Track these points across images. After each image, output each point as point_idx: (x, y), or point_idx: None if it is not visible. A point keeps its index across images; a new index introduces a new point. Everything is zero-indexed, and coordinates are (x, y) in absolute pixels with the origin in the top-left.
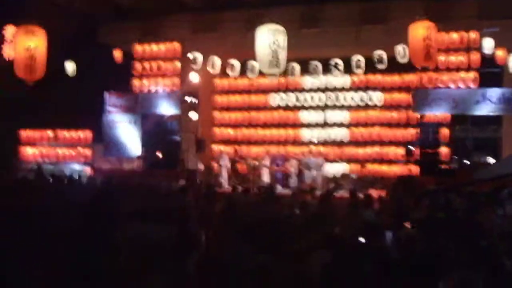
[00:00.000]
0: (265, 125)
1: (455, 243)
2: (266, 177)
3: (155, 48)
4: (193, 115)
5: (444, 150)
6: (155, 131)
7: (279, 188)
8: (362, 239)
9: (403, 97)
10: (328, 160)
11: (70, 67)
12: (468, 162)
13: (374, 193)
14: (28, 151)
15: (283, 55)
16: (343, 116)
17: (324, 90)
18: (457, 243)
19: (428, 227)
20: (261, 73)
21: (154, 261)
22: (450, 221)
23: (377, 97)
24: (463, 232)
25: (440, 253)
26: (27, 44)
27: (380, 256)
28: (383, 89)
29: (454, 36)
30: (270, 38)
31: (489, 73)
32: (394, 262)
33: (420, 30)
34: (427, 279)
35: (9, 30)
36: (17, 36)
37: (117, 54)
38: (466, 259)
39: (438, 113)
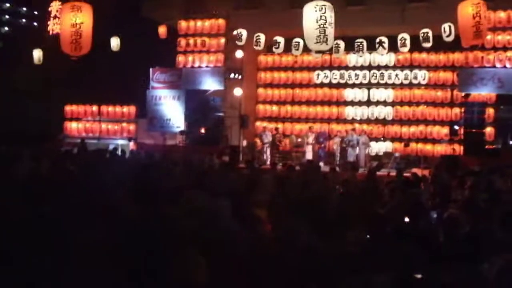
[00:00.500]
0: (308, 102)
1: (498, 225)
2: (309, 155)
3: (199, 24)
4: (237, 92)
5: (488, 130)
6: (199, 107)
7: (321, 166)
8: (406, 219)
9: (448, 76)
10: (371, 138)
11: (114, 42)
12: None
13: (418, 172)
14: (73, 126)
15: (330, 31)
16: (387, 94)
17: (369, 68)
18: (501, 225)
19: (471, 209)
20: (305, 50)
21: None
22: (492, 202)
23: (422, 75)
24: (505, 215)
25: (484, 236)
26: (73, 20)
27: (424, 237)
28: (428, 67)
29: (502, 15)
30: (317, 14)
31: None
32: (437, 243)
33: (470, 8)
34: (471, 262)
35: (55, 6)
36: (63, 12)
37: (162, 29)
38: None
39: (483, 92)
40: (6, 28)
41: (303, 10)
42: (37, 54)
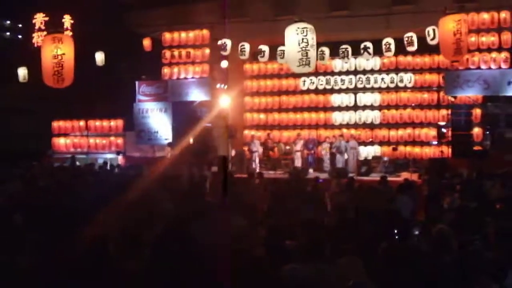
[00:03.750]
0: (296, 109)
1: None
2: (298, 162)
3: (183, 35)
4: (224, 101)
5: (476, 131)
6: (186, 119)
7: (311, 172)
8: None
9: (434, 78)
10: (360, 142)
11: (99, 57)
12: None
13: (407, 175)
14: (61, 142)
15: (312, 54)
16: (374, 98)
17: (355, 72)
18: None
19: (460, 221)
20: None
21: None
22: (483, 211)
23: (407, 78)
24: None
25: (473, 257)
26: (55, 51)
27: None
28: (414, 70)
29: (485, 16)
30: (299, 37)
31: None
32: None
33: (451, 24)
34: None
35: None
36: (44, 44)
37: (146, 42)
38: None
39: (469, 94)
40: None
41: (284, 32)
42: (22, 72)
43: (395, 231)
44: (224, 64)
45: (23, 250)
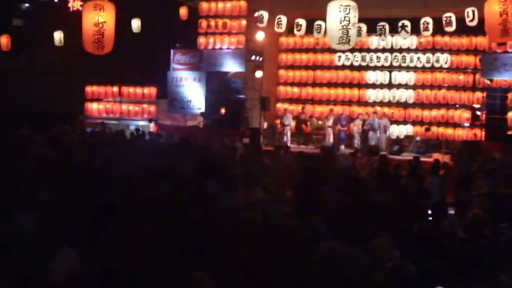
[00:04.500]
0: (330, 85)
1: None
2: (329, 137)
3: (221, 5)
4: (258, 73)
5: (511, 116)
6: (219, 89)
7: (342, 148)
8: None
9: (471, 60)
10: (392, 121)
11: (135, 23)
12: None
13: (439, 156)
14: (93, 107)
15: (353, 32)
16: (409, 77)
17: (391, 50)
18: None
19: (493, 206)
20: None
21: None
22: None
23: (444, 59)
24: None
25: (507, 245)
26: (96, 19)
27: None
28: (451, 51)
29: None
30: (341, 15)
31: None
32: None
33: (497, 6)
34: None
35: None
36: (85, 10)
37: (183, 11)
38: None
39: (506, 78)
40: (27, 5)
41: (326, 8)
42: (58, 36)
43: (429, 212)
44: (260, 36)
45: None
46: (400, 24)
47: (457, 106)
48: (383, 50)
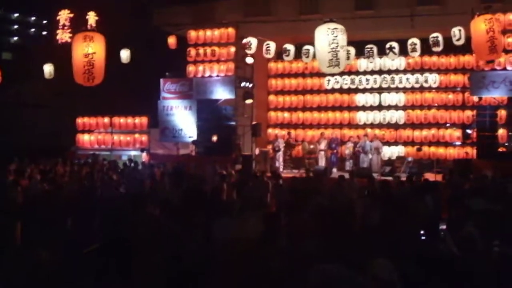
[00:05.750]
0: (320, 108)
1: None
2: (322, 161)
3: (209, 33)
4: (248, 100)
5: (501, 133)
6: (210, 117)
7: (334, 172)
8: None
9: (459, 79)
10: (384, 142)
11: (124, 54)
12: None
13: (431, 176)
14: (85, 138)
15: (343, 54)
16: (399, 98)
17: (380, 72)
18: None
19: (486, 224)
20: (316, 56)
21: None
22: (509, 214)
23: (433, 78)
24: None
25: (505, 261)
26: (86, 50)
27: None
28: (439, 70)
29: (511, 17)
30: (329, 38)
31: None
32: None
33: (483, 24)
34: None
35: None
36: (75, 42)
37: (171, 40)
38: None
39: (495, 95)
40: (16, 38)
41: (314, 33)
42: (48, 69)
43: (423, 231)
44: (249, 62)
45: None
46: (388, 45)
47: (448, 125)
48: (372, 72)
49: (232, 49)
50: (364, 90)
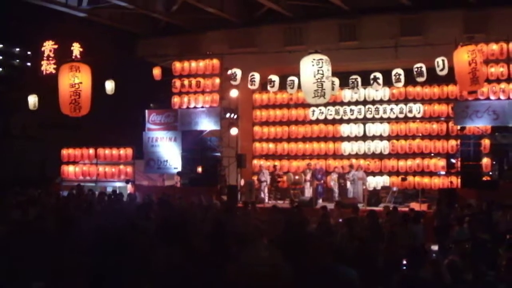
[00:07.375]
0: (305, 139)
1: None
2: (307, 191)
3: (194, 64)
4: (233, 131)
5: (485, 161)
6: (196, 148)
7: (320, 202)
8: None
9: (443, 109)
10: (368, 173)
11: (109, 85)
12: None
13: (416, 206)
14: (70, 169)
15: (328, 85)
16: (383, 128)
17: (364, 103)
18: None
19: (472, 252)
20: (300, 87)
21: None
22: (495, 243)
23: (417, 108)
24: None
25: None
26: (72, 80)
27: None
28: (423, 100)
29: (494, 47)
30: (314, 68)
31: None
32: None
33: (465, 55)
34: None
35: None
36: (62, 72)
37: (156, 71)
38: None
39: (478, 125)
40: (0, 69)
41: (299, 64)
42: (32, 100)
43: (406, 262)
44: (234, 93)
45: None
46: (372, 76)
47: (432, 154)
48: (356, 103)
49: (217, 80)
50: (348, 121)
